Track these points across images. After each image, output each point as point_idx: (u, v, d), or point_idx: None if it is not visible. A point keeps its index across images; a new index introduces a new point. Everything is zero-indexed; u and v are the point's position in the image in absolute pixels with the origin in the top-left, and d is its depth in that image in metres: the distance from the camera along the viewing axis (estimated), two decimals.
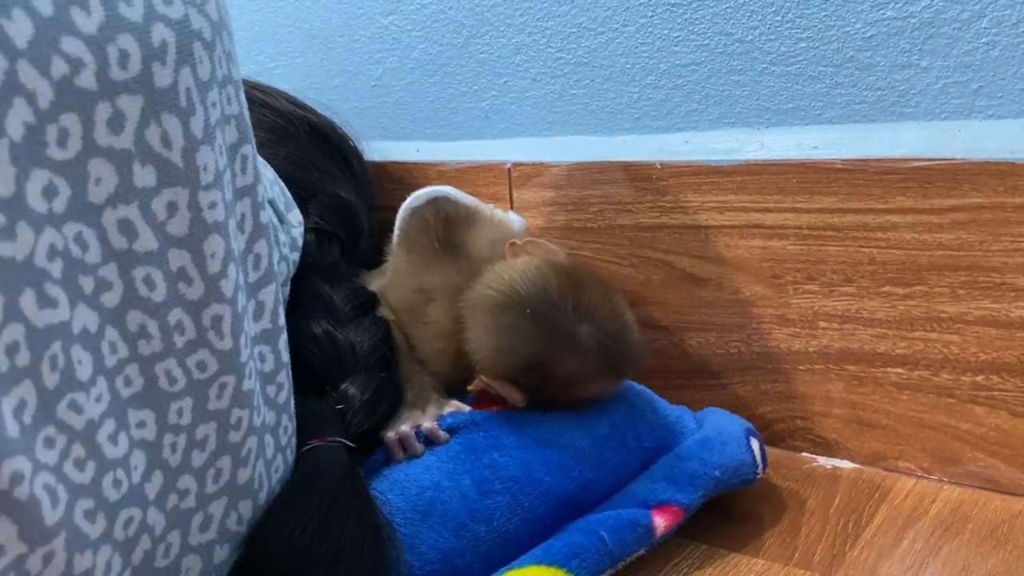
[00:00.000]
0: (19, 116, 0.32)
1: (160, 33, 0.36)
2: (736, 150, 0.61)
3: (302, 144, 0.66)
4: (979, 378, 0.56)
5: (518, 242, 0.57)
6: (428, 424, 0.52)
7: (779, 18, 0.59)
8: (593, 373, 0.52)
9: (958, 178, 0.54)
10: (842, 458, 0.62)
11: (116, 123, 0.35)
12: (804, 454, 0.63)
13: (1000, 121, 0.53)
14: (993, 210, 0.53)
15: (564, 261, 0.56)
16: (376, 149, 0.76)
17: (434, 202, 0.61)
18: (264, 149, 0.55)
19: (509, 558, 0.47)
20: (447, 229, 0.59)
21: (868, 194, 0.57)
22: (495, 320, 0.52)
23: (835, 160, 0.58)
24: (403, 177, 0.77)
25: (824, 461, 0.62)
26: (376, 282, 0.62)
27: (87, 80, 0.34)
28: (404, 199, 0.63)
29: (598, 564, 0.47)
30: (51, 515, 0.33)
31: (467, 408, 0.54)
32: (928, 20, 0.54)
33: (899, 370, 0.58)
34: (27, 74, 0.32)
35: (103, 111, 0.34)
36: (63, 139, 0.33)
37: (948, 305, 0.56)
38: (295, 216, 0.55)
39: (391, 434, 0.52)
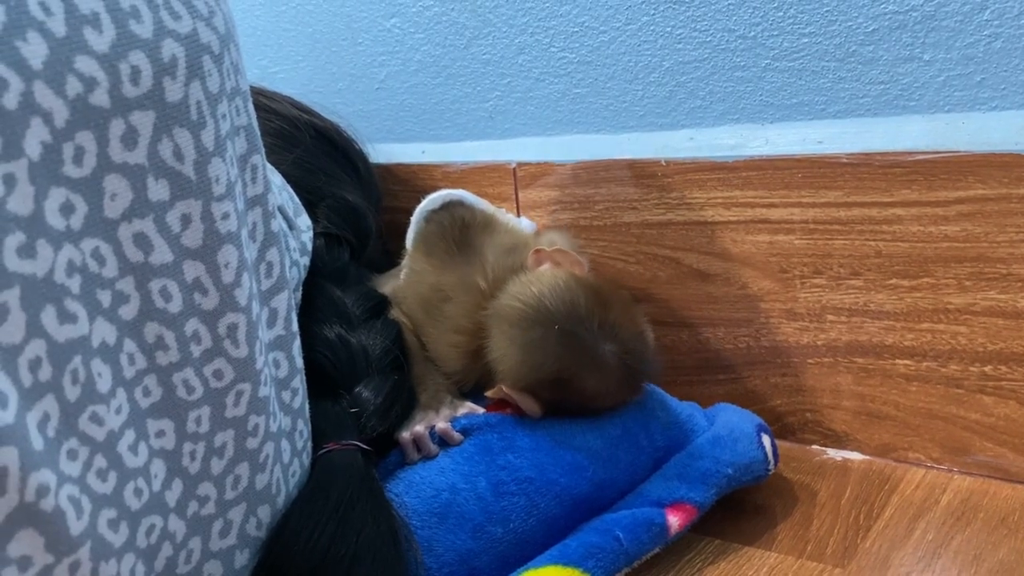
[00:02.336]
0: (36, 136, 0.32)
1: (170, 48, 0.37)
2: (741, 146, 0.62)
3: (308, 148, 0.66)
4: (987, 368, 0.56)
5: (545, 249, 0.56)
6: (442, 425, 0.53)
7: (781, 14, 0.59)
8: (612, 390, 0.53)
9: (963, 170, 0.54)
10: (852, 450, 0.62)
11: (130, 139, 0.35)
12: (814, 447, 0.63)
13: (1004, 113, 0.53)
14: (998, 201, 0.53)
15: (589, 275, 0.56)
16: (381, 151, 0.76)
17: (449, 207, 0.62)
18: (271, 154, 0.55)
19: (525, 559, 0.48)
20: (463, 234, 0.59)
21: (873, 187, 0.57)
22: (522, 334, 0.52)
23: (840, 154, 0.58)
24: (409, 179, 0.78)
25: (834, 453, 0.62)
26: (388, 284, 0.62)
27: (101, 98, 0.34)
28: (411, 201, 0.63)
29: (614, 563, 0.47)
30: (76, 525, 0.34)
31: (481, 410, 0.55)
32: (930, 13, 0.54)
33: (907, 362, 0.58)
34: (43, 94, 0.32)
35: (117, 127, 0.35)
36: (79, 157, 0.34)
37: (955, 296, 0.56)
38: (304, 221, 0.56)
39: (405, 434, 0.52)
